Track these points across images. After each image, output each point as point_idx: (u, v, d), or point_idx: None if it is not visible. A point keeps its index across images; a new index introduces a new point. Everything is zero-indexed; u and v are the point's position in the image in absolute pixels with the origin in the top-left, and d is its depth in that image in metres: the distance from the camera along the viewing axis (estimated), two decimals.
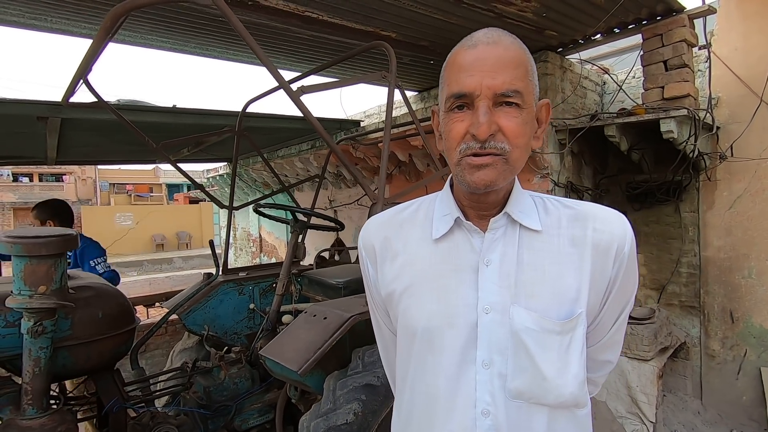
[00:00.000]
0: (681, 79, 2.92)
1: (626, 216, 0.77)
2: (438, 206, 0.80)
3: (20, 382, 1.48)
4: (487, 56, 0.67)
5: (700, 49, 3.18)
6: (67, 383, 2.23)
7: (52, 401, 1.68)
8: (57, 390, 1.87)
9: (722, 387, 3.29)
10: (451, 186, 0.80)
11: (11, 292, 1.42)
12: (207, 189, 5.68)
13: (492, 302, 0.71)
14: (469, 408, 0.71)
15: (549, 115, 0.76)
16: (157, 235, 20.53)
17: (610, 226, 0.74)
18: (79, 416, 1.92)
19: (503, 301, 0.71)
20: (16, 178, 24.09)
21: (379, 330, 0.94)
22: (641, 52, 3.15)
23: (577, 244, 0.73)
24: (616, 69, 4.32)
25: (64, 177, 25.11)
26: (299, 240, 2.69)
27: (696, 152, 2.97)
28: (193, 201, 24.01)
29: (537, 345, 0.69)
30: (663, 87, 3.01)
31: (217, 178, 7.54)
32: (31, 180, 24.68)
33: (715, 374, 3.33)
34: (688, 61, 2.94)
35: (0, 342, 1.49)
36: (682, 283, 3.45)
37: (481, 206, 0.75)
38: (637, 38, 3.23)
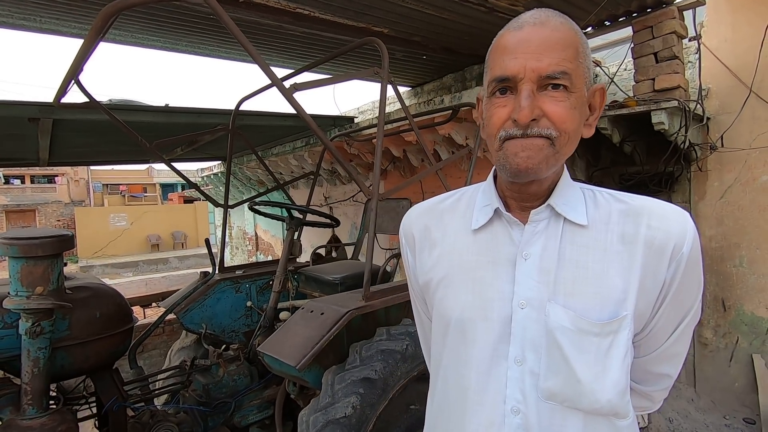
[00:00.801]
0: (671, 71, 2.95)
1: (690, 214, 0.71)
2: (480, 197, 0.77)
3: (19, 383, 1.48)
4: (532, 37, 0.62)
5: (690, 40, 3.20)
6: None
7: (52, 401, 1.68)
8: (56, 390, 1.88)
9: (715, 374, 3.35)
10: (495, 177, 0.77)
11: (8, 293, 1.42)
12: (201, 188, 5.66)
13: (528, 297, 0.68)
14: (499, 404, 0.69)
15: (604, 101, 0.71)
16: (152, 236, 20.43)
17: (666, 223, 0.67)
18: (79, 416, 1.92)
19: (540, 297, 0.67)
20: (7, 180, 23.85)
21: (418, 316, 0.93)
22: (632, 45, 3.17)
23: (628, 242, 0.67)
24: (607, 62, 4.34)
25: (56, 178, 24.89)
26: (295, 237, 2.70)
27: (687, 143, 3.00)
28: (188, 200, 23.91)
29: (572, 346, 0.65)
30: (654, 79, 3.03)
31: (212, 176, 7.52)
32: (23, 182, 24.45)
33: (708, 362, 3.38)
34: (678, 53, 2.96)
35: None
36: None
37: (524, 197, 0.71)
38: (628, 31, 3.25)
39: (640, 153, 3.43)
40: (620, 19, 3.12)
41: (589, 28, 3.25)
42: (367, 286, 1.83)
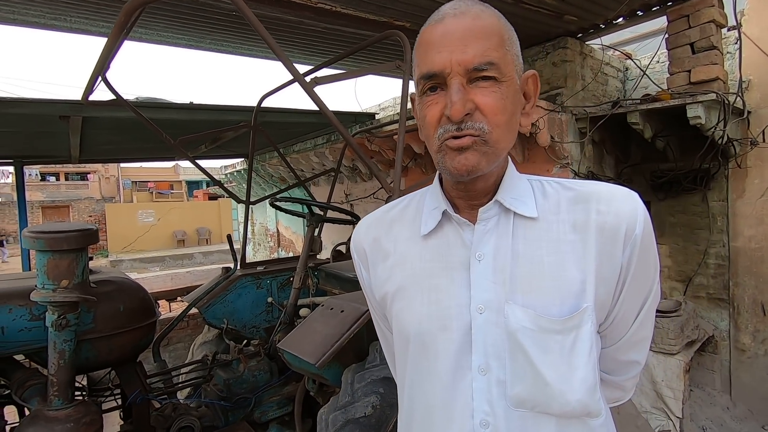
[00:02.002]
0: (709, 62, 2.80)
1: (639, 194, 0.67)
2: (427, 201, 0.74)
3: (46, 374, 1.51)
4: (454, 29, 0.61)
5: (729, 30, 3.04)
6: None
7: (78, 393, 1.72)
8: (84, 382, 1.92)
9: (753, 382, 3.18)
10: (441, 179, 0.74)
11: (35, 286, 1.45)
12: (225, 185, 5.75)
13: (486, 300, 0.65)
14: (467, 419, 0.65)
15: (538, 88, 0.69)
16: (178, 231, 20.96)
17: (615, 206, 0.65)
18: (104, 407, 1.96)
19: (498, 298, 0.65)
20: (44, 177, 24.89)
21: (381, 333, 0.89)
22: (666, 35, 3.03)
23: (580, 230, 0.65)
24: (638, 54, 4.17)
25: (88, 176, 25.83)
26: (315, 234, 2.69)
27: (725, 138, 2.85)
28: (212, 197, 24.41)
29: (536, 347, 0.63)
30: (690, 71, 2.89)
31: (235, 173, 7.63)
32: (57, 179, 25.47)
33: (746, 369, 3.21)
34: (716, 43, 2.81)
35: (26, 335, 1.53)
36: (710, 275, 3.33)
37: (471, 195, 0.69)
38: (662, 22, 3.11)
39: (674, 149, 3.28)
40: (654, 9, 2.99)
41: (621, 19, 3.12)
42: None
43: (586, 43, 3.39)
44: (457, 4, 0.64)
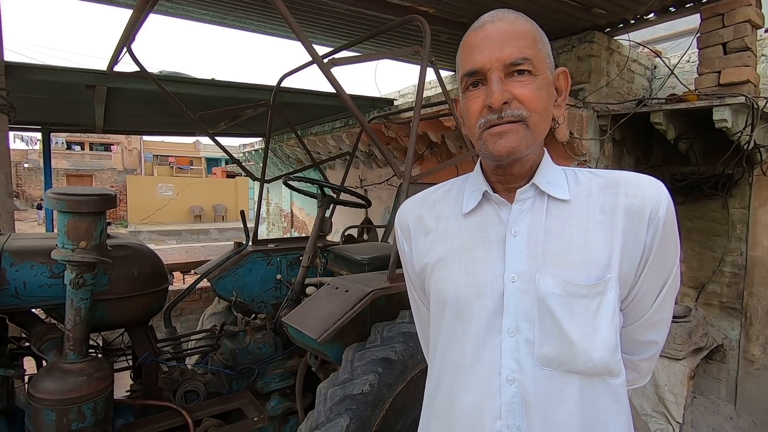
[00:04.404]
0: (741, 64, 2.71)
1: (664, 182, 0.73)
2: (469, 184, 0.83)
3: (63, 330, 1.59)
4: (492, 32, 0.70)
5: (766, 31, 2.93)
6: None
7: (92, 350, 1.80)
8: (99, 341, 2.01)
9: (759, 393, 3.13)
10: (482, 165, 0.82)
11: (56, 245, 1.52)
12: (242, 163, 5.82)
13: (519, 271, 0.72)
14: (494, 375, 0.72)
15: (569, 83, 0.77)
16: (196, 207, 21.34)
17: (642, 190, 0.71)
18: (116, 367, 2.05)
19: (530, 269, 0.72)
20: (69, 146, 25.54)
21: (416, 306, 0.97)
22: (698, 34, 2.93)
23: (608, 211, 0.72)
24: (669, 53, 4.05)
25: (112, 147, 26.40)
26: (326, 214, 2.73)
27: (752, 144, 2.76)
28: (230, 175, 24.72)
29: (563, 310, 0.69)
30: (719, 72, 2.80)
31: (252, 152, 7.71)
32: (82, 148, 26.11)
33: (753, 380, 3.16)
34: (750, 44, 2.71)
35: (46, 291, 1.60)
36: (725, 283, 3.27)
37: (508, 179, 0.76)
38: (693, 21, 3.01)
39: (697, 152, 3.19)
40: (687, 5, 2.89)
41: (652, 15, 3.03)
42: (393, 268, 1.82)
43: (614, 38, 3.30)
44: (495, 13, 0.73)
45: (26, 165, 22.98)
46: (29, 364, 1.78)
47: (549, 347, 0.70)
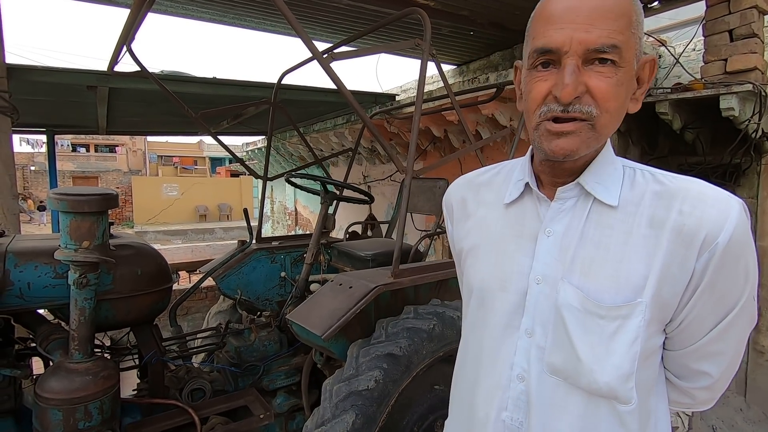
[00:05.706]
0: (748, 51, 2.65)
1: (741, 200, 0.62)
2: (516, 172, 0.77)
3: (68, 329, 1.60)
4: (581, 5, 0.58)
5: None
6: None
7: (97, 350, 1.81)
8: (104, 341, 2.02)
9: None
10: (532, 152, 0.76)
11: (59, 246, 1.52)
12: (246, 161, 5.83)
13: (544, 274, 0.69)
14: (506, 369, 0.72)
15: (654, 73, 0.66)
16: (200, 206, 21.44)
17: (701, 209, 0.61)
18: (122, 366, 2.06)
19: (555, 274, 0.68)
20: (74, 148, 25.70)
21: (460, 280, 0.95)
22: (704, 21, 2.88)
23: (656, 226, 0.63)
24: (674, 42, 3.99)
25: (117, 148, 26.54)
26: (329, 211, 2.72)
27: (759, 132, 2.72)
28: (234, 174, 24.78)
29: (577, 324, 0.65)
30: (726, 60, 2.75)
31: (255, 151, 7.72)
32: (87, 150, 26.27)
33: (763, 371, 3.13)
34: (757, 31, 2.66)
35: (51, 291, 1.61)
36: None
37: (555, 173, 0.70)
38: (699, 9, 2.95)
39: (703, 142, 3.15)
40: None
41: (656, 3, 2.98)
42: (396, 264, 1.81)
43: None
44: None
45: (33, 168, 23.15)
46: (37, 365, 1.80)
47: (557, 357, 0.67)
